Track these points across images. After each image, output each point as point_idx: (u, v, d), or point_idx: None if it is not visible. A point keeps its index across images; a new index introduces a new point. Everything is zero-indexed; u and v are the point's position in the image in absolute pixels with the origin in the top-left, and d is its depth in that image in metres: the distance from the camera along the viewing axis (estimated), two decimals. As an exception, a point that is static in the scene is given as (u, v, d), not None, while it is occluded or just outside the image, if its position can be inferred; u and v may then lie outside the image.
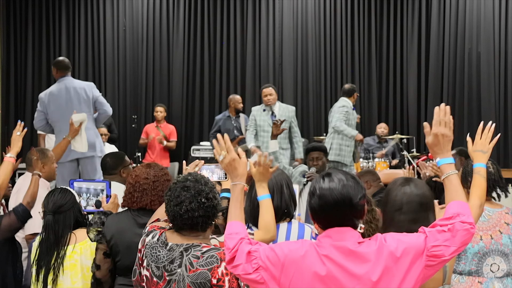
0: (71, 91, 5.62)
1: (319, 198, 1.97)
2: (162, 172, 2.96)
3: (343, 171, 2.05)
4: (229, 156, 2.26)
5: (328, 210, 1.96)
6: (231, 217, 2.17)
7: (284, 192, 2.74)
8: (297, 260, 1.94)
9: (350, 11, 9.66)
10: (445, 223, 1.96)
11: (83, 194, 3.41)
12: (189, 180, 2.24)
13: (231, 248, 2.02)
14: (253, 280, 1.98)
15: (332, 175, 2.00)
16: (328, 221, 1.98)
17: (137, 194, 2.88)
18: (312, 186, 2.03)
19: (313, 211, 2.01)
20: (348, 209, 1.95)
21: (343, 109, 6.99)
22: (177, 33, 9.80)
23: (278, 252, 1.97)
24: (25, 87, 9.89)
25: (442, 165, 2.09)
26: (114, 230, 2.85)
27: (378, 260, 1.90)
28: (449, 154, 2.11)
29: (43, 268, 3.03)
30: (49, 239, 3.04)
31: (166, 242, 2.21)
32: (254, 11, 9.74)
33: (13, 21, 9.85)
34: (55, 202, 3.10)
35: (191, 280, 2.11)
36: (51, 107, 5.69)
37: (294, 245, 2.00)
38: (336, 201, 1.95)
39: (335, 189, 1.95)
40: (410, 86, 9.52)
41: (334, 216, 1.97)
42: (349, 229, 1.96)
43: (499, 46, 9.11)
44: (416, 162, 8.15)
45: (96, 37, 9.88)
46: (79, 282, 3.05)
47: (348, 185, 1.97)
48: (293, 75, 9.63)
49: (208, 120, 9.68)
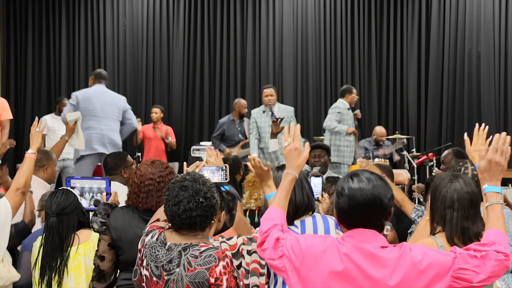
0: (107, 95, 6.05)
1: (349, 198, 1.94)
2: (167, 171, 2.95)
3: (369, 171, 2.02)
4: (293, 144, 2.29)
5: (359, 210, 1.93)
6: (273, 203, 2.20)
7: (304, 187, 2.73)
8: (317, 255, 1.94)
9: (350, 11, 9.65)
10: (479, 249, 1.92)
11: (85, 193, 3.39)
12: (187, 179, 2.24)
13: (264, 232, 2.06)
14: (276, 266, 2.01)
15: (360, 175, 1.98)
16: (357, 222, 1.96)
17: (143, 195, 2.87)
18: (339, 186, 2.01)
19: (341, 211, 1.98)
20: (378, 209, 1.93)
21: (334, 109, 7.17)
22: (177, 33, 9.81)
23: (302, 243, 1.97)
24: (25, 87, 9.89)
25: (488, 192, 2.08)
26: (119, 223, 2.86)
27: (398, 267, 1.88)
28: (499, 183, 2.10)
29: (47, 270, 3.01)
30: (53, 241, 3.02)
31: (165, 242, 2.21)
32: (254, 11, 9.74)
33: (13, 21, 9.86)
34: (59, 204, 3.07)
35: (189, 279, 2.11)
36: (84, 103, 5.91)
37: (318, 239, 1.99)
38: (367, 202, 1.92)
39: (366, 189, 1.93)
40: (410, 86, 9.52)
41: (364, 216, 1.94)
42: (373, 232, 1.94)
43: (499, 46, 9.11)
44: (416, 162, 8.19)
45: (96, 37, 9.88)
46: (83, 283, 3.04)
47: (378, 185, 1.95)
48: (293, 75, 9.63)
49: (208, 120, 9.68)
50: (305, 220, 2.71)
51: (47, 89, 9.93)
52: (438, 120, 9.35)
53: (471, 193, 2.47)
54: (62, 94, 9.19)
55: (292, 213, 2.65)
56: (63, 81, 9.85)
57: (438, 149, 8.78)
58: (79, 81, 9.85)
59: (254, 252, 2.58)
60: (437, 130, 9.36)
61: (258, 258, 2.57)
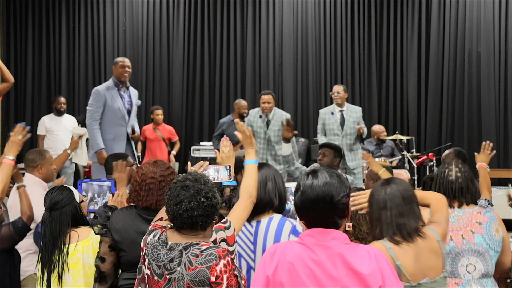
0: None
1: (301, 194, 2.01)
2: (169, 171, 2.97)
3: (329, 169, 2.08)
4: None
5: (309, 206, 1.99)
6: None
7: (267, 186, 2.81)
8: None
9: (350, 11, 9.66)
10: None
11: (96, 197, 3.44)
12: (188, 179, 2.25)
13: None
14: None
15: (317, 172, 2.04)
16: (311, 219, 2.02)
17: (143, 193, 2.88)
18: (297, 182, 2.08)
19: (296, 207, 2.06)
20: (328, 206, 1.98)
21: (319, 120, 7.03)
22: (177, 33, 9.81)
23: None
24: (25, 87, 9.90)
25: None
26: (120, 225, 2.87)
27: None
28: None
29: (46, 267, 3.03)
30: (45, 236, 3.06)
31: (166, 241, 2.22)
32: (254, 11, 9.75)
33: (13, 21, 9.87)
34: (52, 199, 3.11)
35: (190, 278, 2.12)
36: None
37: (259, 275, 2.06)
38: (316, 198, 1.98)
39: (317, 186, 1.99)
40: (410, 86, 9.52)
41: (315, 213, 2.00)
42: (332, 230, 2.00)
43: (499, 46, 9.12)
44: (417, 162, 8.19)
45: (96, 37, 9.89)
46: (81, 280, 3.06)
47: (331, 183, 1.99)
48: (293, 75, 9.63)
49: (208, 120, 9.69)
50: (261, 221, 2.79)
51: (47, 89, 9.94)
52: (438, 120, 9.36)
53: (403, 190, 2.50)
54: (62, 94, 9.19)
55: (253, 209, 2.71)
56: (63, 81, 9.85)
57: (438, 149, 8.79)
58: (79, 81, 9.86)
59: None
60: (437, 130, 9.37)
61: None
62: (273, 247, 2.09)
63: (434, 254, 2.45)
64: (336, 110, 6.84)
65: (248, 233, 2.79)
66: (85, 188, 3.55)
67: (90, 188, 3.55)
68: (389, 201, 2.49)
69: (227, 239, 2.48)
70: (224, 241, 2.47)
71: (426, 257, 2.43)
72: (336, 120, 6.78)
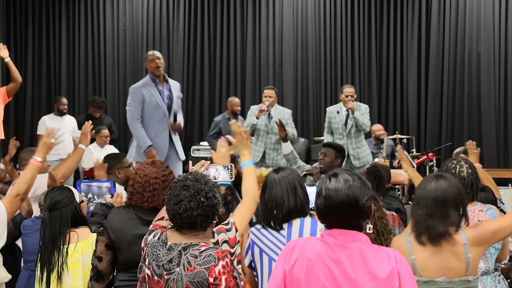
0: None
1: (325, 199, 1.97)
2: (168, 171, 2.97)
3: (350, 171, 2.04)
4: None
5: (334, 210, 1.96)
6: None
7: (298, 192, 2.78)
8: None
9: (350, 11, 9.66)
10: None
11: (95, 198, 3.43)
12: (189, 179, 2.25)
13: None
14: None
15: (338, 175, 1.99)
16: (334, 222, 1.99)
17: (148, 194, 2.86)
18: (318, 186, 2.03)
19: (319, 211, 2.01)
20: (353, 210, 1.95)
21: (326, 119, 6.93)
22: (177, 33, 9.81)
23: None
24: (25, 87, 9.87)
25: None
26: (117, 224, 2.85)
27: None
28: None
29: (45, 267, 3.02)
30: (45, 236, 3.05)
31: (166, 242, 2.22)
32: (254, 11, 9.74)
33: (13, 21, 9.86)
34: (52, 199, 3.10)
35: (189, 279, 2.12)
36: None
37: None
38: (341, 203, 1.94)
39: (341, 190, 1.95)
40: (410, 86, 9.52)
41: (340, 217, 1.97)
42: (354, 232, 1.98)
43: (499, 46, 9.12)
44: (417, 162, 8.18)
45: (96, 37, 9.88)
46: (80, 280, 3.05)
47: (354, 186, 1.96)
48: (293, 75, 9.63)
49: (208, 120, 9.68)
50: (292, 222, 2.76)
51: (47, 89, 9.93)
52: (438, 120, 9.36)
53: (442, 191, 2.47)
54: (62, 94, 9.19)
55: (283, 217, 2.70)
56: (63, 81, 9.84)
57: (438, 149, 8.78)
58: (79, 81, 9.85)
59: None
60: (437, 130, 9.37)
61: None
62: (293, 242, 2.06)
63: (454, 257, 2.45)
64: (342, 109, 6.77)
65: (281, 236, 2.75)
66: (84, 188, 3.54)
67: (89, 189, 3.53)
68: (422, 199, 2.50)
69: (229, 241, 2.48)
70: (226, 243, 2.46)
71: (446, 257, 2.44)
72: (342, 119, 6.72)
